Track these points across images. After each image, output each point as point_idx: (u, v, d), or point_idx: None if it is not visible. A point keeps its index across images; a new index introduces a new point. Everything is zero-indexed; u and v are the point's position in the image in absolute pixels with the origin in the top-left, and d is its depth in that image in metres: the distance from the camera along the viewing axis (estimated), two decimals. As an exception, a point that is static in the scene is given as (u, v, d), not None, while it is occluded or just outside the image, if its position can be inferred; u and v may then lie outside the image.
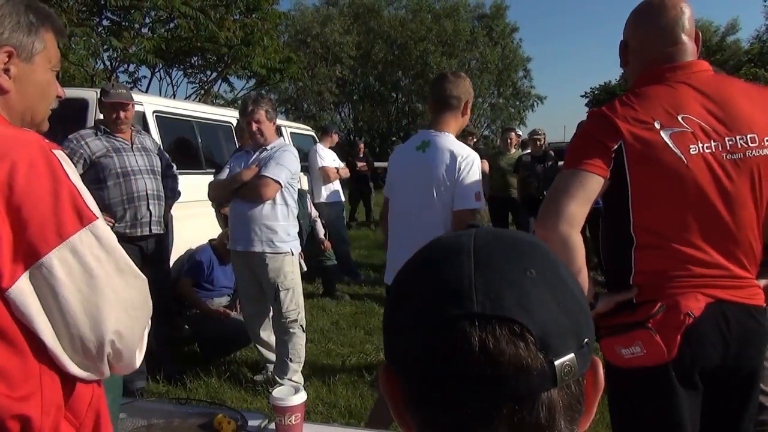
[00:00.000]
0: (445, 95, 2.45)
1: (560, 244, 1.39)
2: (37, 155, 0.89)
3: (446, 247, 0.53)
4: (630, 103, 1.45)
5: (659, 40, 1.50)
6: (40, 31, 1.02)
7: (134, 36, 11.38)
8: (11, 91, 0.99)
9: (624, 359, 1.41)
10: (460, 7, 26.82)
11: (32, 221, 0.86)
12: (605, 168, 1.42)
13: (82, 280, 0.90)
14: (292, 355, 3.44)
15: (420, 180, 2.41)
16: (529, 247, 0.53)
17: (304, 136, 7.81)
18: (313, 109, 26.36)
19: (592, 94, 25.12)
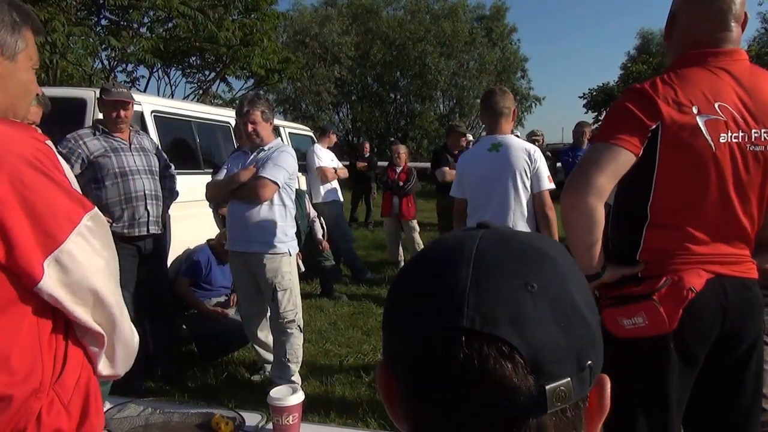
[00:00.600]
0: (499, 107, 2.99)
1: (586, 215, 1.43)
2: (38, 148, 0.93)
3: (448, 249, 0.51)
4: (671, 83, 1.45)
5: (710, 23, 1.50)
6: (22, 29, 1.03)
7: (132, 35, 11.37)
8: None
9: (624, 329, 1.45)
10: (458, 8, 26.84)
11: (47, 211, 0.91)
12: (639, 146, 1.43)
13: (95, 260, 0.97)
14: (290, 356, 3.44)
15: (499, 174, 2.92)
16: (537, 256, 0.49)
17: (302, 136, 7.81)
18: (312, 109, 26.34)
19: (591, 95, 25.14)
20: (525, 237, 0.53)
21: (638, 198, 1.49)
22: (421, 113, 26.41)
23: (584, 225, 1.45)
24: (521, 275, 0.46)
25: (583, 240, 1.48)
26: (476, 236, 0.51)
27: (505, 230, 0.54)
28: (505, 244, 0.50)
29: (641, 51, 28.29)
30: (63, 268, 0.93)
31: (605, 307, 1.51)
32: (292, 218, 3.50)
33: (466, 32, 26.18)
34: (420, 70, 25.90)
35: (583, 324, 0.47)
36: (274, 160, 3.34)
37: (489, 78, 26.79)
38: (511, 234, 0.53)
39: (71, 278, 0.94)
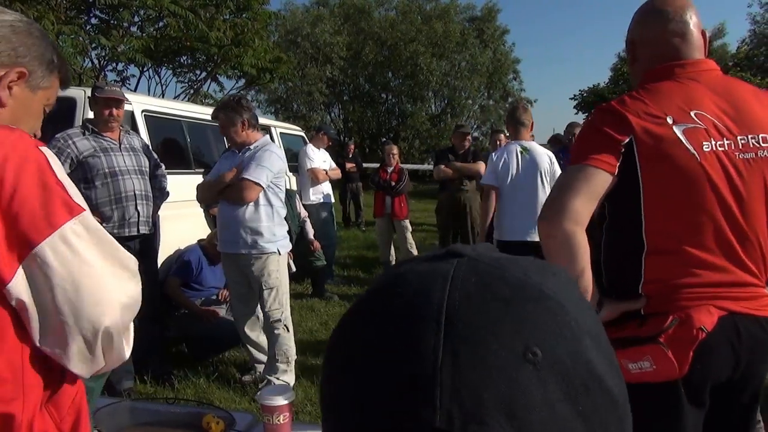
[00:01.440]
0: (522, 119, 4.03)
1: (564, 242, 1.33)
2: (26, 152, 0.93)
3: (408, 299, 0.36)
4: (640, 98, 1.39)
5: (670, 38, 1.46)
6: (53, 72, 1.09)
7: (123, 35, 11.30)
8: (6, 107, 1.02)
9: (630, 374, 1.33)
10: (450, 9, 26.89)
11: (23, 214, 0.89)
12: (613, 164, 1.35)
13: (74, 267, 0.92)
14: (279, 355, 3.45)
15: (533, 170, 3.88)
16: (536, 301, 0.35)
17: (293, 136, 7.80)
18: (303, 109, 26.29)
19: (581, 96, 25.23)
20: (515, 269, 0.37)
21: (630, 224, 1.39)
22: (412, 113, 26.42)
23: (564, 254, 1.33)
24: (517, 337, 0.33)
25: (569, 271, 1.36)
26: (447, 274, 0.36)
27: (487, 259, 0.38)
28: (490, 286, 0.35)
29: (631, 52, 28.47)
30: (37, 274, 0.90)
31: None
32: (281, 217, 3.48)
33: (457, 33, 26.22)
34: (412, 70, 25.92)
35: (609, 400, 0.35)
36: (257, 160, 3.31)
37: (480, 79, 26.85)
38: (496, 265, 0.37)
39: (39, 284, 0.90)
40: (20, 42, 1.02)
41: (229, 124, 3.36)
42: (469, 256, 0.38)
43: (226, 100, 3.55)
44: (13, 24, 1.02)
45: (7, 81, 1.01)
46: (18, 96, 1.03)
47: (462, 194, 6.05)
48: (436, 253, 0.40)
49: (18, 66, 1.02)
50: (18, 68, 1.02)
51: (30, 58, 1.04)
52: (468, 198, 6.07)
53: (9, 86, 1.02)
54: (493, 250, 0.41)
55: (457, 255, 0.38)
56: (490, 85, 27.76)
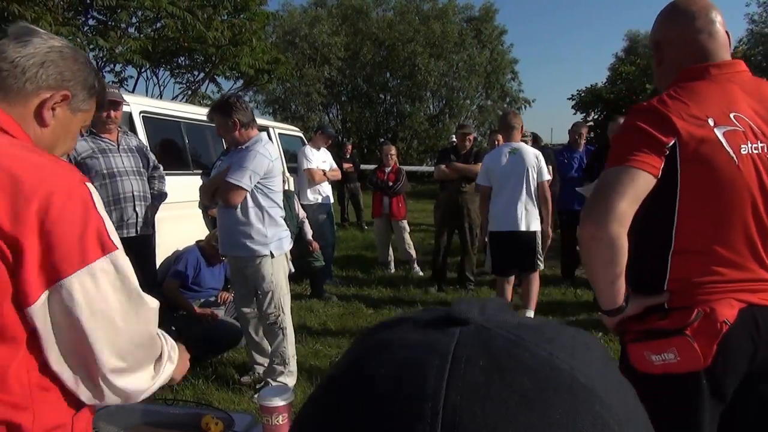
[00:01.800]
0: (513, 123, 4.58)
1: (609, 245, 1.32)
2: (72, 186, 0.98)
3: (397, 385, 0.28)
4: (680, 98, 1.38)
5: (701, 37, 1.46)
6: (93, 96, 1.18)
7: (120, 36, 11.29)
8: (48, 127, 1.10)
9: (653, 365, 1.37)
10: (448, 9, 26.88)
11: (60, 245, 0.94)
12: (657, 167, 1.34)
13: (96, 304, 0.97)
14: (275, 357, 3.45)
15: (519, 168, 4.38)
16: (566, 393, 0.27)
17: (292, 137, 7.80)
18: (301, 110, 26.26)
19: (579, 96, 25.22)
20: (538, 344, 0.29)
21: (661, 223, 1.40)
22: (410, 114, 26.41)
23: (608, 256, 1.34)
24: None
25: (607, 273, 1.37)
26: (446, 352, 0.28)
27: (500, 328, 0.30)
28: (504, 374, 0.27)
29: (628, 52, 28.47)
30: (60, 304, 0.94)
31: (630, 341, 1.43)
32: (273, 218, 3.37)
33: (455, 33, 26.22)
34: (410, 70, 25.90)
35: None
36: (239, 162, 3.25)
37: (478, 79, 26.85)
38: (512, 339, 0.29)
39: (59, 313, 0.94)
40: (67, 67, 1.10)
41: (223, 126, 3.32)
42: (477, 323, 0.30)
43: (218, 101, 3.50)
44: (62, 50, 1.10)
45: (52, 103, 1.08)
46: (60, 117, 1.11)
47: (461, 195, 6.05)
48: (433, 313, 0.32)
49: (63, 89, 1.09)
50: (63, 91, 1.09)
51: (74, 83, 1.12)
52: (466, 199, 6.07)
53: (53, 107, 1.09)
54: (505, 310, 0.33)
55: (461, 322, 0.30)
56: (488, 86, 27.76)
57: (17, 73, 1.05)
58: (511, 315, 0.33)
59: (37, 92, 1.07)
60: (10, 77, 1.05)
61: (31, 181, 0.93)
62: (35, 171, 0.96)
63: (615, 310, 1.42)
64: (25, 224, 0.91)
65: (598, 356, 0.31)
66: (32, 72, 1.06)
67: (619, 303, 1.41)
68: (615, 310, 1.42)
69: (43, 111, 1.08)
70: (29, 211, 0.91)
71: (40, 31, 1.11)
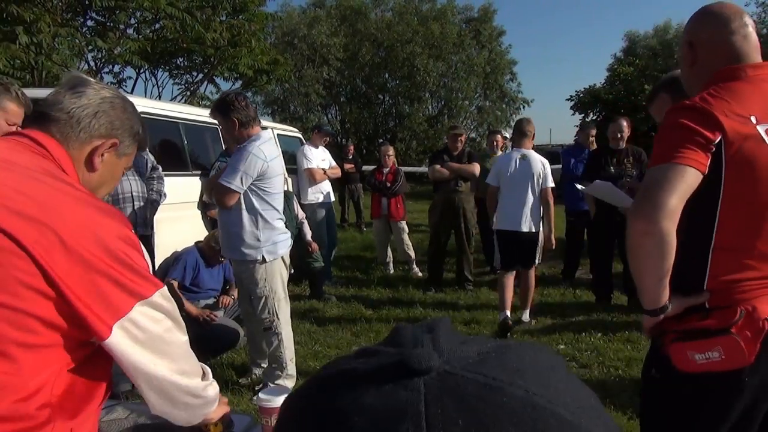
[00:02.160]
0: (526, 130, 4.86)
1: (661, 240, 1.32)
2: (126, 232, 1.06)
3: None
4: (721, 96, 1.40)
5: (730, 37, 1.49)
6: (135, 140, 1.26)
7: (119, 37, 11.27)
8: (96, 172, 1.18)
9: (696, 364, 1.39)
10: (447, 10, 26.89)
11: (127, 282, 1.02)
12: (704, 163, 1.35)
13: (154, 329, 1.07)
14: (273, 361, 3.45)
15: (527, 174, 4.73)
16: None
17: (291, 137, 7.79)
18: (300, 110, 26.26)
19: (577, 97, 25.26)
20: (507, 383, 0.27)
21: (703, 220, 1.41)
22: (409, 114, 26.41)
23: (659, 252, 1.34)
24: None
25: (656, 270, 1.37)
26: (417, 413, 0.25)
27: (466, 370, 0.27)
28: (485, 425, 0.25)
29: (627, 53, 28.52)
30: (132, 330, 1.02)
31: (671, 341, 1.44)
32: (267, 221, 3.29)
33: (454, 34, 26.23)
34: (408, 71, 25.91)
35: None
36: (232, 162, 3.20)
37: (477, 80, 26.86)
38: (481, 384, 0.27)
39: (143, 336, 1.04)
40: (116, 116, 1.19)
41: (223, 126, 3.32)
42: (439, 369, 0.27)
43: (217, 101, 3.47)
44: (113, 101, 1.19)
45: (102, 150, 1.17)
46: (107, 162, 1.20)
47: (456, 195, 6.06)
48: (385, 360, 0.28)
49: (112, 137, 1.18)
50: (112, 139, 1.18)
51: (122, 131, 1.20)
52: (462, 199, 6.08)
53: (102, 154, 1.18)
54: (454, 333, 0.31)
55: (420, 372, 0.26)
56: (486, 86, 27.77)
57: (73, 123, 1.14)
58: (464, 342, 0.30)
59: (90, 140, 1.15)
60: (67, 126, 1.13)
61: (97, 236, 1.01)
62: (101, 225, 1.03)
63: (659, 310, 1.43)
64: (92, 264, 0.98)
65: (563, 375, 0.30)
66: (86, 122, 1.14)
67: (663, 302, 1.42)
68: (659, 310, 1.43)
69: (94, 158, 1.16)
70: (95, 251, 0.98)
71: (92, 81, 1.20)
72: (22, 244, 0.91)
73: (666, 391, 1.53)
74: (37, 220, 0.94)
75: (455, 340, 0.30)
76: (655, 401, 1.58)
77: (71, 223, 0.97)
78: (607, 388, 3.54)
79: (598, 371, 3.85)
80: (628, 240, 1.40)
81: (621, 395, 3.44)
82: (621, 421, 3.09)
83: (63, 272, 0.93)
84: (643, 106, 21.22)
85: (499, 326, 4.65)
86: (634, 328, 4.65)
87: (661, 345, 1.48)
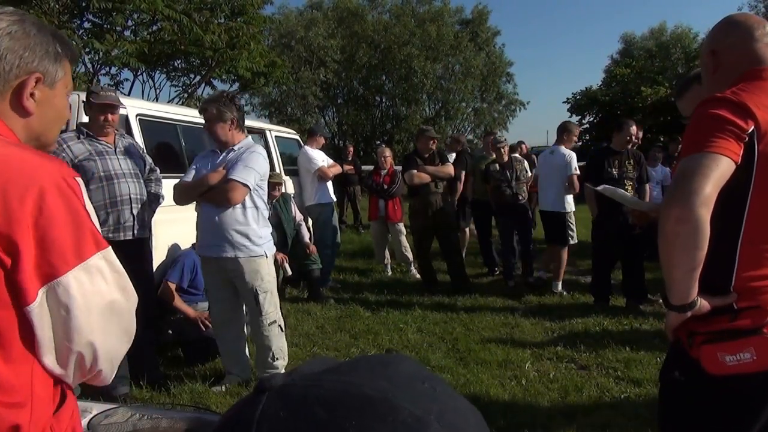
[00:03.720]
0: (561, 133, 6.07)
1: (697, 227, 1.29)
2: (62, 183, 0.96)
3: None
4: (751, 90, 1.42)
5: (753, 43, 1.52)
6: (62, 59, 1.10)
7: (116, 39, 11.25)
8: (33, 114, 1.05)
9: (726, 366, 1.38)
10: (444, 12, 26.93)
11: (55, 242, 0.93)
12: (738, 153, 1.34)
13: (91, 299, 0.97)
14: (277, 354, 3.47)
15: (555, 164, 5.96)
16: (358, 408, 0.32)
17: (288, 139, 7.79)
18: (298, 112, 26.27)
19: (574, 99, 25.34)
20: (334, 378, 0.34)
21: (732, 213, 1.40)
22: (407, 116, 26.44)
23: (694, 240, 1.30)
24: None
25: (690, 259, 1.33)
26: (250, 419, 0.33)
27: (302, 380, 0.34)
28: (300, 414, 0.32)
29: (624, 55, 28.62)
30: (56, 300, 0.94)
31: (701, 343, 1.43)
32: (266, 220, 3.45)
33: (451, 36, 26.27)
34: (406, 73, 25.94)
35: None
36: (244, 161, 3.24)
37: (474, 82, 26.89)
38: (310, 384, 0.34)
39: (54, 310, 0.94)
40: (23, 47, 1.02)
41: (219, 119, 3.29)
42: (279, 386, 0.33)
43: (218, 95, 3.45)
44: (10, 31, 1.01)
45: (27, 91, 1.03)
46: (41, 100, 1.06)
47: (435, 197, 6.06)
48: (250, 393, 0.36)
49: (30, 72, 1.03)
50: (33, 75, 1.03)
51: (38, 61, 1.04)
52: (440, 200, 6.09)
53: (31, 94, 1.04)
54: (321, 362, 0.36)
55: (265, 389, 0.34)
56: (483, 88, 27.82)
57: None
58: (325, 362, 0.36)
59: (7, 85, 1.01)
60: None
61: (21, 179, 0.91)
62: (24, 167, 0.93)
63: (687, 306, 1.40)
64: (20, 224, 0.90)
65: (403, 369, 0.35)
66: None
67: (692, 298, 1.39)
68: (687, 306, 1.40)
69: (22, 101, 1.03)
70: (23, 210, 0.90)
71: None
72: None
73: (692, 394, 1.51)
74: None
75: (318, 366, 0.36)
76: (680, 404, 1.55)
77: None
78: (606, 390, 3.54)
79: (596, 372, 3.85)
80: (662, 229, 1.37)
81: (620, 396, 3.44)
82: (620, 422, 3.09)
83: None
84: (639, 107, 21.30)
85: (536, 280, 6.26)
86: (632, 330, 4.65)
87: (690, 347, 1.47)
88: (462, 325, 4.97)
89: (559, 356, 4.17)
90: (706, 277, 1.41)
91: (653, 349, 4.16)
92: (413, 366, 0.37)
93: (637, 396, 3.41)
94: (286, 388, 0.33)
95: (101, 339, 1.00)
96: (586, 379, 3.71)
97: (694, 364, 1.44)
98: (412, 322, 5.05)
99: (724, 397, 1.44)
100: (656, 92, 21.03)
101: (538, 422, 3.11)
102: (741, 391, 1.41)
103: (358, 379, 0.33)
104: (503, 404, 3.33)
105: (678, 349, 1.55)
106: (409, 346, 4.46)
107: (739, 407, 1.43)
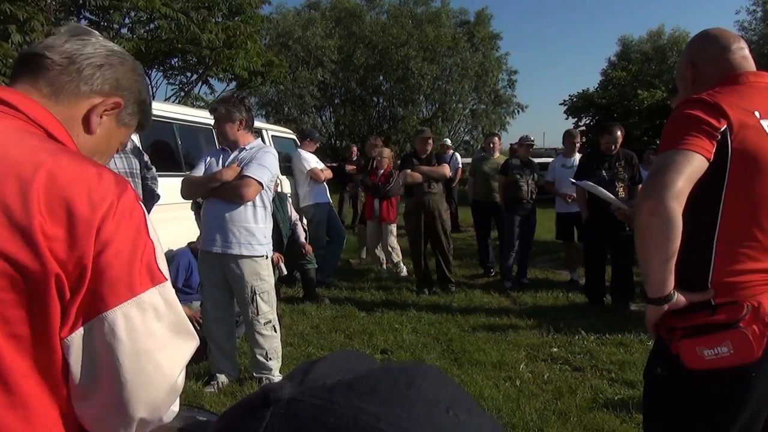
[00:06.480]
0: (564, 141, 6.74)
1: (667, 219, 1.35)
2: (130, 205, 0.85)
3: None
4: (726, 93, 1.48)
5: (730, 54, 1.59)
6: (138, 115, 1.07)
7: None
8: (92, 135, 0.99)
9: (705, 360, 1.41)
10: (442, 13, 26.94)
11: (109, 269, 0.80)
12: (710, 150, 1.39)
13: (140, 343, 0.83)
14: (271, 354, 3.46)
15: (567, 173, 6.08)
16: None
17: (285, 139, 7.79)
18: (295, 112, 26.25)
19: (571, 101, 25.36)
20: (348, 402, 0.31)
21: (707, 211, 1.45)
22: (404, 117, 26.45)
23: (665, 232, 1.36)
24: None
25: (662, 250, 1.38)
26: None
27: (313, 396, 0.31)
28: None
29: (621, 58, 28.66)
30: (98, 335, 0.80)
31: (680, 338, 1.45)
32: (271, 221, 3.49)
33: (449, 37, 26.29)
34: (403, 74, 25.96)
35: None
36: (258, 160, 3.29)
37: (471, 83, 26.92)
38: (321, 404, 0.30)
39: (97, 348, 0.81)
40: (124, 74, 1.01)
41: (228, 119, 3.32)
42: (288, 400, 0.30)
43: (229, 95, 3.53)
44: (123, 56, 1.02)
45: (102, 109, 0.98)
46: (105, 127, 1.00)
47: (429, 197, 6.07)
48: (252, 397, 0.32)
49: (116, 96, 1.00)
50: (115, 98, 1.00)
51: (128, 93, 1.02)
52: (435, 201, 6.09)
53: (102, 115, 0.99)
54: (339, 365, 0.33)
55: (269, 402, 0.30)
56: (481, 89, 27.84)
57: (72, 70, 0.95)
58: (336, 375, 0.32)
59: (89, 96, 0.97)
60: (64, 74, 0.94)
61: (90, 199, 0.81)
62: (95, 186, 0.83)
63: (663, 299, 1.43)
64: (85, 251, 0.79)
65: (426, 389, 0.31)
66: (89, 72, 0.96)
67: (668, 290, 1.42)
68: (663, 299, 1.43)
69: (92, 116, 0.97)
70: (90, 236, 0.79)
71: (98, 33, 1.02)
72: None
73: (673, 390, 1.54)
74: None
75: (332, 372, 0.32)
76: (662, 400, 1.58)
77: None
78: (600, 391, 3.55)
79: (591, 374, 3.86)
80: (636, 222, 1.43)
81: (614, 398, 3.45)
82: (614, 424, 3.09)
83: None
84: (636, 110, 21.34)
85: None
86: (627, 331, 4.67)
87: (670, 342, 1.49)
88: (457, 326, 4.97)
89: (554, 357, 4.18)
90: (684, 274, 1.46)
91: (647, 351, 4.17)
92: (438, 385, 0.33)
93: (630, 398, 3.42)
94: (294, 405, 0.30)
95: (147, 396, 0.85)
96: (581, 381, 3.72)
97: (675, 360, 1.47)
98: (407, 323, 5.06)
99: (705, 392, 1.47)
100: (652, 95, 21.05)
101: (531, 423, 3.11)
102: (720, 385, 1.44)
103: (375, 409, 0.29)
104: (497, 405, 3.34)
105: (660, 346, 1.59)
106: (404, 346, 4.46)
107: (720, 401, 1.46)
